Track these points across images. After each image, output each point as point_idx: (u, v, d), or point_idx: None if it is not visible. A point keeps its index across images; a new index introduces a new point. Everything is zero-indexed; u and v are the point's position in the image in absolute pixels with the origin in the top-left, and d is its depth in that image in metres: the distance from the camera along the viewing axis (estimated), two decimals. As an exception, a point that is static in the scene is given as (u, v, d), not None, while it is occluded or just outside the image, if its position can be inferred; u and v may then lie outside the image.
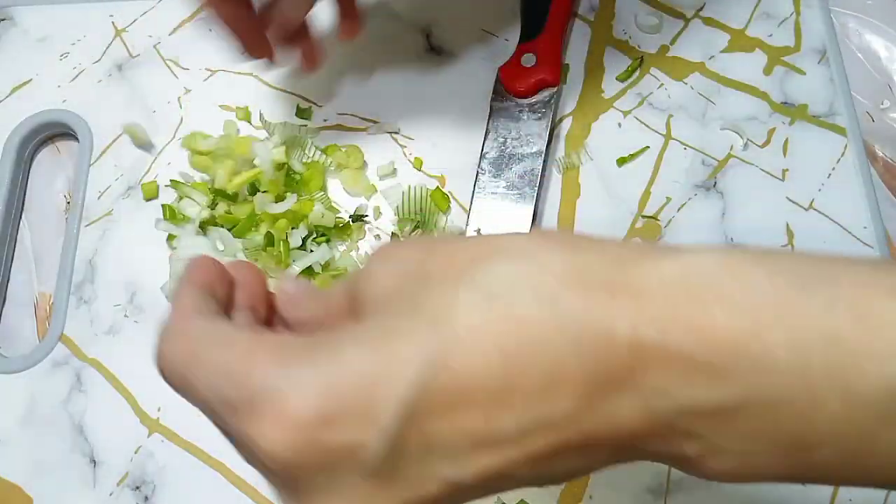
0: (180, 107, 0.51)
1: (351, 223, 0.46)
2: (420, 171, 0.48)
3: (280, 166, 0.46)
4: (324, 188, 0.47)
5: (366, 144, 0.49)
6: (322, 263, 0.44)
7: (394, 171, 0.48)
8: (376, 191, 0.47)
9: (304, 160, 0.47)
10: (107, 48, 0.53)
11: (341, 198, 0.47)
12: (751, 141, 0.48)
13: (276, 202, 0.45)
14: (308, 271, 0.44)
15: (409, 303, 0.22)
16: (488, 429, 0.20)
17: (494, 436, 0.20)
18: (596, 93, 0.50)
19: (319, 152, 0.47)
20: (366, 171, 0.48)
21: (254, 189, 0.46)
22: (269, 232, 0.44)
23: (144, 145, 0.50)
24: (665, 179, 0.47)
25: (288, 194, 0.45)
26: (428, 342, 0.20)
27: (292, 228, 0.45)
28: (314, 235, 0.45)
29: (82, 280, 0.47)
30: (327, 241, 0.45)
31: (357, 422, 0.20)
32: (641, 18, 0.51)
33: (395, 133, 0.49)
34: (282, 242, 0.44)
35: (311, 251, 0.44)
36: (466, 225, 0.45)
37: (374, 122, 0.49)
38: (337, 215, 0.46)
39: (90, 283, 0.46)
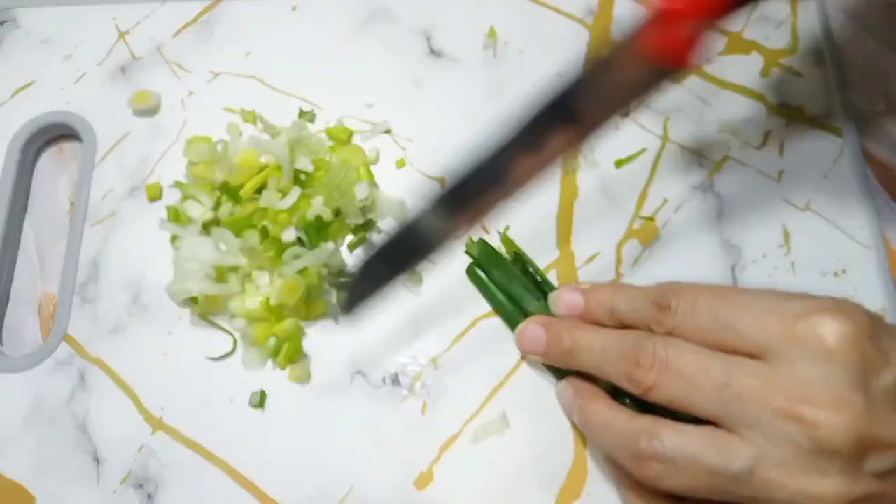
0: (183, 109, 0.51)
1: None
2: (420, 171, 0.49)
3: (291, 161, 0.46)
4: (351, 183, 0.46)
5: (367, 146, 0.49)
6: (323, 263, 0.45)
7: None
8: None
9: (311, 157, 0.47)
10: (110, 50, 0.54)
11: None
12: (747, 142, 0.48)
13: (282, 199, 0.45)
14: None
15: None
16: None
17: None
18: (594, 95, 0.50)
19: (326, 149, 0.48)
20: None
21: (259, 188, 0.46)
22: (263, 226, 0.44)
23: (152, 109, 0.51)
24: (662, 181, 0.48)
25: (290, 186, 0.46)
26: None
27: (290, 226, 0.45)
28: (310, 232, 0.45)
29: (86, 280, 0.47)
30: (323, 238, 0.45)
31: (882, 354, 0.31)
32: None
33: (396, 135, 0.50)
34: (273, 239, 0.44)
35: (303, 245, 0.45)
36: None
37: (376, 123, 0.50)
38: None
39: (94, 283, 0.47)
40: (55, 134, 0.52)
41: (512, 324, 0.44)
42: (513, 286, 0.44)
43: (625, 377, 0.35)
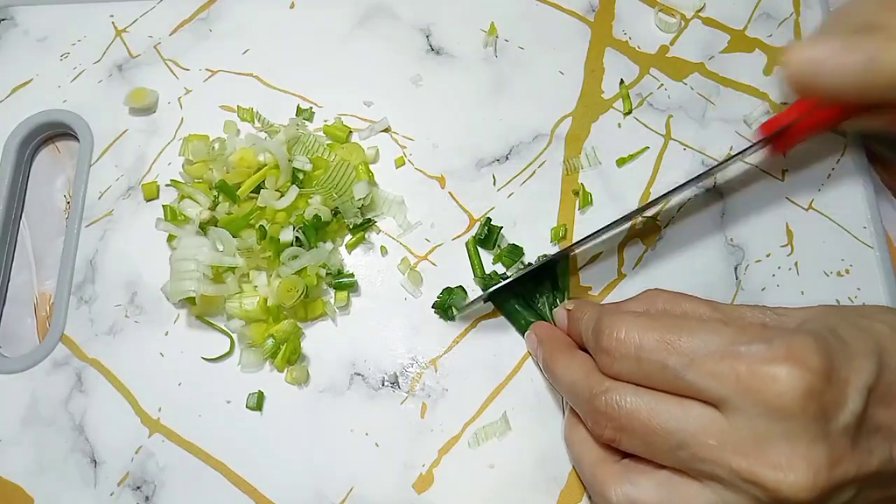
0: (181, 107, 0.51)
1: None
2: (420, 170, 0.48)
3: (289, 159, 0.46)
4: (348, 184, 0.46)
5: (366, 145, 0.49)
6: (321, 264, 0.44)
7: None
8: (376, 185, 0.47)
9: (309, 156, 0.47)
10: (107, 48, 0.53)
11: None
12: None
13: (280, 198, 0.45)
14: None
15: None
16: None
17: None
18: (596, 93, 0.50)
19: (324, 147, 0.47)
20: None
21: (257, 187, 0.46)
22: (261, 225, 0.44)
23: (149, 107, 0.51)
24: (665, 180, 0.47)
25: (288, 185, 0.45)
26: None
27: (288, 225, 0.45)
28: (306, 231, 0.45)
29: (83, 280, 0.47)
30: (321, 238, 0.45)
31: (839, 391, 0.30)
32: (659, 17, 0.51)
33: (395, 133, 0.49)
34: (271, 239, 0.44)
35: (300, 245, 0.44)
36: None
37: (375, 122, 0.50)
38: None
39: (91, 284, 0.47)
40: (52, 132, 0.52)
41: (516, 321, 0.44)
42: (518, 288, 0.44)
43: (588, 422, 0.35)
